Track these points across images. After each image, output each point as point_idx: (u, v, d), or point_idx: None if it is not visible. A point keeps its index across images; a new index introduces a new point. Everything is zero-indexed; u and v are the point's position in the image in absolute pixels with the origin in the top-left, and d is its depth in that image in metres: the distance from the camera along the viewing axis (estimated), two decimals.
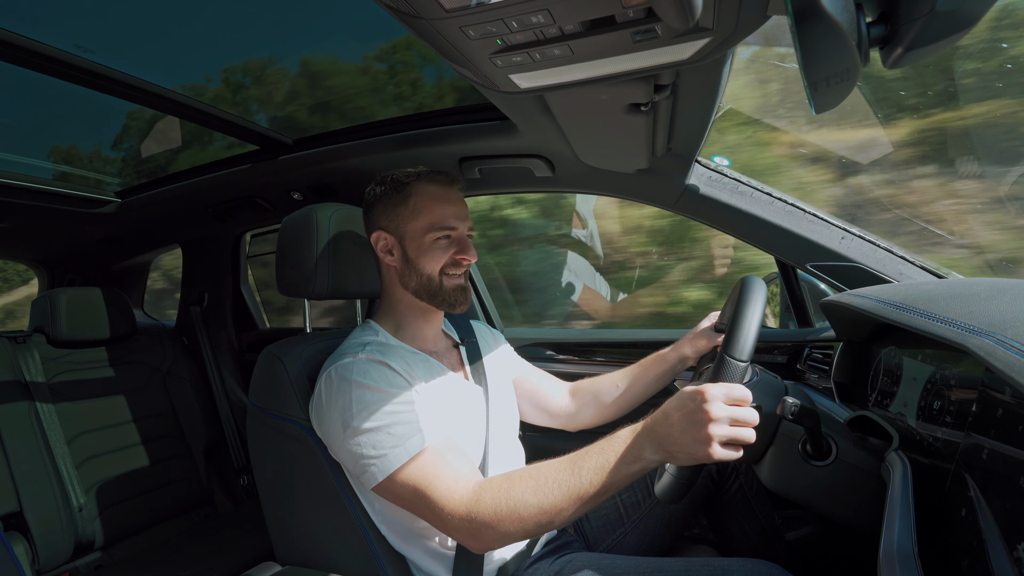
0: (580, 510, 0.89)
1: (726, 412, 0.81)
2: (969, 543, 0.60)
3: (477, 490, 0.93)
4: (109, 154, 1.90)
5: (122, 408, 2.04)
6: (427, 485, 0.93)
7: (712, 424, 0.80)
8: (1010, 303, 0.67)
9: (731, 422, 0.81)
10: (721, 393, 0.82)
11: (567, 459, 0.92)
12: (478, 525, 0.91)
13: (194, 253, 2.59)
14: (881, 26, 0.50)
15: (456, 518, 0.92)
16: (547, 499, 0.88)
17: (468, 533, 0.92)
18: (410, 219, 1.14)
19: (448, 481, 0.94)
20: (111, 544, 1.87)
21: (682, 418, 0.82)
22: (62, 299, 1.95)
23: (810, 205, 1.42)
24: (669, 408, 0.86)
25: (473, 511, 0.91)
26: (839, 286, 1.37)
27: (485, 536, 0.91)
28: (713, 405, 0.81)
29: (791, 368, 1.55)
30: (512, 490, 0.91)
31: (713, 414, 0.80)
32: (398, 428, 0.96)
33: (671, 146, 1.31)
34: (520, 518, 0.89)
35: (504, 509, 0.90)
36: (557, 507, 0.88)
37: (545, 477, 0.90)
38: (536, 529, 0.90)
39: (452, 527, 0.93)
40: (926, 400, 0.87)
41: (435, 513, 0.94)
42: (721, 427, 0.80)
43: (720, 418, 0.80)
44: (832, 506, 0.92)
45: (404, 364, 1.07)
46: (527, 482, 0.91)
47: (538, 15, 0.63)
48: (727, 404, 0.82)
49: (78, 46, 1.18)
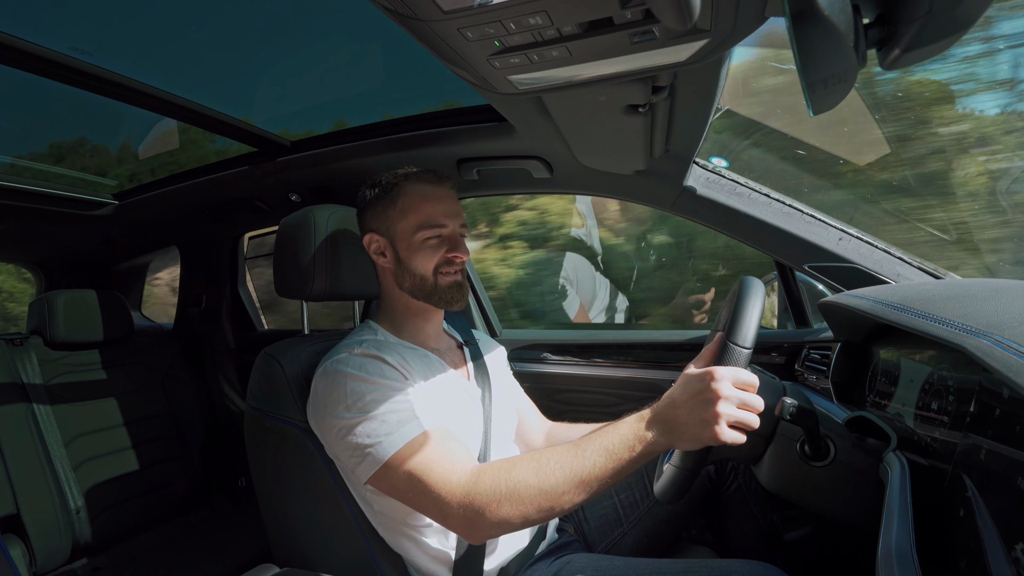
0: (583, 494, 0.86)
1: (734, 393, 0.80)
2: (967, 543, 0.60)
3: (476, 472, 0.91)
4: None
5: (119, 410, 2.03)
6: (423, 470, 0.91)
7: (721, 403, 0.79)
8: (1007, 304, 0.67)
9: (739, 404, 0.81)
10: (729, 374, 0.81)
11: (570, 443, 0.90)
12: (476, 508, 0.88)
13: (192, 255, 2.59)
14: (879, 27, 0.50)
15: (454, 502, 0.89)
16: (548, 480, 0.86)
17: (465, 519, 0.89)
18: (399, 219, 1.14)
19: (445, 465, 0.92)
20: (108, 546, 1.86)
21: (690, 398, 0.82)
22: (59, 301, 1.95)
23: (807, 206, 1.42)
24: (675, 391, 0.85)
25: (471, 493, 0.88)
26: (837, 287, 1.38)
27: (483, 521, 0.88)
28: (721, 384, 0.80)
29: (789, 369, 1.56)
30: (512, 471, 0.89)
31: (722, 393, 0.79)
32: (392, 416, 0.95)
33: (669, 147, 1.31)
34: (520, 500, 0.86)
35: (503, 490, 0.87)
36: (559, 489, 0.86)
37: (547, 459, 0.88)
38: (537, 514, 0.87)
39: (449, 512, 0.90)
40: (924, 401, 0.87)
41: (431, 499, 0.91)
42: (729, 407, 0.80)
43: (729, 397, 0.80)
44: (830, 507, 0.92)
45: (400, 359, 1.06)
46: (528, 464, 0.89)
47: (536, 17, 0.64)
48: (735, 386, 0.81)
49: (75, 48, 1.18)
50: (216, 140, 1.79)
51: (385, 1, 0.64)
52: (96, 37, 1.21)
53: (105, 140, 1.91)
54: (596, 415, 1.91)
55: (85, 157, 1.91)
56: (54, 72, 1.21)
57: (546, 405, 1.98)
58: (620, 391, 1.85)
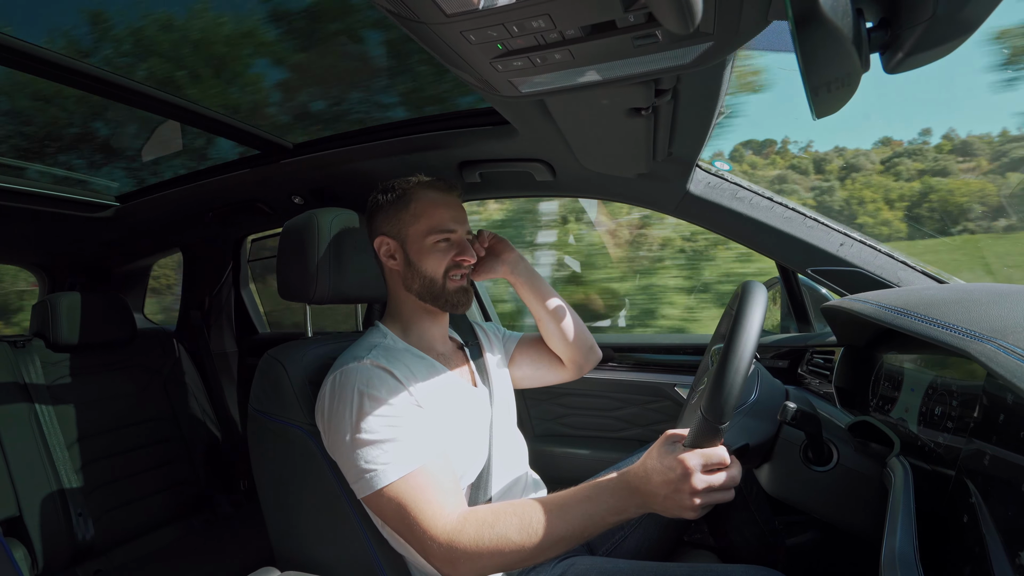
0: (559, 551, 0.91)
1: (706, 483, 0.83)
2: (971, 549, 0.60)
3: (461, 519, 0.94)
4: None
5: (122, 412, 2.03)
6: (413, 506, 0.94)
7: (695, 495, 0.83)
8: (1011, 308, 0.67)
9: (711, 489, 0.84)
10: (699, 464, 0.84)
11: (553, 501, 0.93)
12: (458, 554, 0.91)
13: (195, 257, 2.59)
14: (882, 31, 0.50)
15: (436, 544, 0.93)
16: (530, 540, 0.90)
17: (446, 560, 0.93)
18: (411, 223, 1.19)
19: (434, 507, 0.95)
20: (110, 549, 1.86)
21: (666, 485, 0.85)
22: (62, 303, 1.95)
23: (810, 210, 1.42)
24: (650, 467, 0.88)
25: (454, 540, 0.92)
26: (840, 291, 1.37)
27: (463, 566, 0.92)
28: (695, 479, 0.83)
29: (792, 373, 1.55)
30: (496, 525, 0.92)
31: (695, 485, 0.83)
32: (392, 445, 0.97)
33: (672, 150, 1.31)
34: (500, 553, 0.90)
35: (486, 542, 0.91)
36: (539, 548, 0.90)
37: (531, 517, 0.91)
38: (514, 565, 0.92)
39: (431, 552, 0.94)
40: (927, 406, 0.87)
41: (416, 536, 0.94)
42: (703, 496, 0.84)
43: (701, 490, 0.83)
44: (833, 512, 0.91)
45: (408, 372, 1.08)
46: (512, 519, 0.92)
47: (539, 20, 0.64)
48: (706, 473, 0.84)
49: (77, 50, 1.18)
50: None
51: (388, 4, 0.64)
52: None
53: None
54: (598, 419, 1.91)
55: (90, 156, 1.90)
56: (54, 73, 1.22)
57: (548, 409, 1.99)
58: (621, 394, 1.85)
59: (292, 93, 1.59)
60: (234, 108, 1.55)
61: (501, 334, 1.49)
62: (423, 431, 1.02)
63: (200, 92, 1.47)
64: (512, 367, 1.44)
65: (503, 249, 1.38)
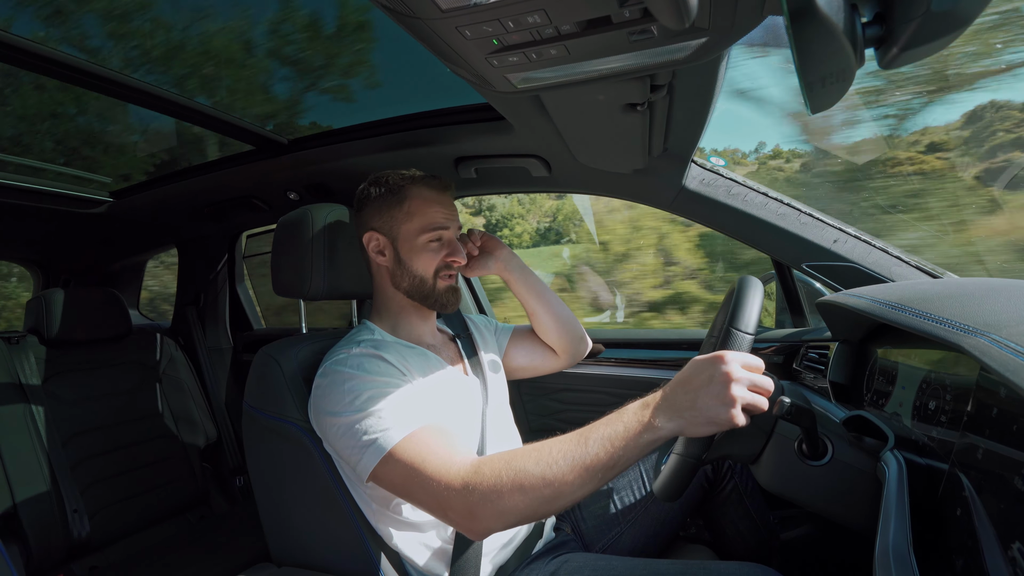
0: (587, 484, 0.83)
1: (746, 375, 0.80)
2: (964, 543, 0.60)
3: (476, 463, 0.89)
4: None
5: (117, 409, 2.03)
6: (422, 461, 0.90)
7: (734, 384, 0.79)
8: (1005, 303, 0.67)
9: (750, 385, 0.81)
10: (738, 357, 0.81)
11: (572, 433, 0.88)
12: (476, 498, 0.85)
13: (190, 253, 2.58)
14: (877, 26, 0.50)
15: (453, 492, 0.87)
16: (551, 469, 0.83)
17: (465, 510, 0.86)
18: (404, 221, 1.17)
19: (443, 456, 0.91)
20: (106, 545, 1.86)
21: (702, 383, 0.81)
22: (56, 300, 1.94)
23: (805, 205, 1.42)
24: (683, 376, 0.84)
25: (471, 483, 0.86)
26: (835, 286, 1.38)
27: (484, 512, 0.85)
28: (733, 367, 0.80)
29: (787, 368, 1.56)
30: (514, 461, 0.86)
31: (735, 375, 0.79)
32: (390, 411, 0.95)
33: (667, 146, 1.31)
34: (522, 489, 0.83)
35: (505, 479, 0.84)
36: (562, 478, 0.82)
37: (549, 449, 0.86)
38: (540, 505, 0.84)
39: (449, 504, 0.88)
40: (921, 400, 0.87)
41: (431, 490, 0.89)
42: (742, 389, 0.79)
43: (741, 379, 0.80)
44: (827, 506, 0.92)
45: (399, 357, 1.07)
46: (530, 454, 0.86)
47: (534, 15, 0.63)
48: (744, 368, 0.81)
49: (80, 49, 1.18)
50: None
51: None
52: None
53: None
54: (594, 414, 1.91)
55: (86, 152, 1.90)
56: (54, 72, 1.21)
57: (544, 404, 1.99)
58: (618, 390, 1.85)
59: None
60: (229, 104, 1.54)
61: (493, 327, 1.48)
62: (419, 400, 1.01)
63: (197, 87, 1.47)
64: (507, 359, 1.44)
65: (495, 247, 1.38)
